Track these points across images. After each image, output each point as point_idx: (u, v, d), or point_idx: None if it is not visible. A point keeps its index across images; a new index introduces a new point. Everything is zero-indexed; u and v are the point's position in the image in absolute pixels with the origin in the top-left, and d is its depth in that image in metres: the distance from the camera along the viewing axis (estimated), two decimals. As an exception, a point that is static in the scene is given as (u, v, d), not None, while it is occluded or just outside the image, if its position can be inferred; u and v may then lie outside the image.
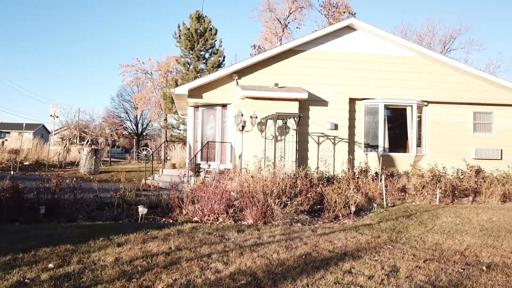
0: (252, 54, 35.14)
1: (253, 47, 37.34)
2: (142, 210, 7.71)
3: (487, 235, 7.25)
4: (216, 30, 30.02)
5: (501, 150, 14.31)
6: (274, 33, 36.12)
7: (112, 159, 30.41)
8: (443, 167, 13.33)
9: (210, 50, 30.05)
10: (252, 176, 10.26)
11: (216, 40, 30.05)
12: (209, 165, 12.36)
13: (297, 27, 38.50)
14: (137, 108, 43.77)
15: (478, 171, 13.46)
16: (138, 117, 57.10)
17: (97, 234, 6.19)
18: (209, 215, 7.97)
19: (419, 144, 14.28)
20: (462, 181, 12.48)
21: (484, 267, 5.31)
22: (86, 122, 31.75)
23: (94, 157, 18.71)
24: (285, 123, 12.91)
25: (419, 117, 14.33)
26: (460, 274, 5.02)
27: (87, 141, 26.20)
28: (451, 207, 10.33)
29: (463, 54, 57.93)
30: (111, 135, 31.23)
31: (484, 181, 12.37)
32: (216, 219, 7.89)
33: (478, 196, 11.65)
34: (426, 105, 14.32)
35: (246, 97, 13.01)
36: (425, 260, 5.55)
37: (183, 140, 24.27)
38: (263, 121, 12.86)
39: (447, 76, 14.17)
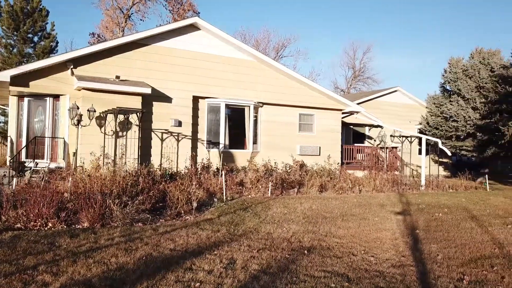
0: (91, 43, 32.34)
1: (92, 35, 34.39)
2: None
3: (308, 222, 8.40)
4: (48, 12, 26.59)
5: (320, 147, 16.68)
6: (116, 23, 33.96)
7: None
8: (275, 162, 14.83)
9: (40, 34, 26.43)
10: (89, 175, 9.54)
11: (47, 23, 26.64)
12: (37, 164, 10.96)
13: (141, 19, 36.99)
14: None
15: (302, 166, 15.44)
16: None
17: None
18: (35, 220, 7.11)
19: (255, 142, 15.52)
20: (289, 175, 14.12)
21: (305, 251, 6.16)
22: None
23: None
24: (127, 118, 12.38)
25: (255, 116, 15.57)
26: (287, 259, 5.71)
27: None
28: (280, 198, 11.57)
29: (292, 62, 65.01)
30: None
31: (307, 174, 14.27)
32: (44, 225, 7.09)
33: (302, 187, 13.34)
34: (261, 106, 15.64)
35: (83, 89, 11.98)
36: (259, 249, 6.12)
37: (3, 135, 20.80)
38: (102, 115, 12.05)
39: (279, 80, 15.76)
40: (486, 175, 17.38)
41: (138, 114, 11.91)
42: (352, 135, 22.49)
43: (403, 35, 71.57)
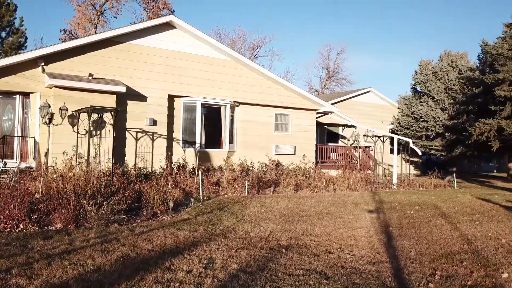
0: (62, 40, 31.45)
1: (64, 31, 33.48)
2: None
3: (285, 221, 8.49)
4: (16, 6, 25.78)
5: (295, 146, 16.86)
6: (89, 19, 33.12)
7: None
8: (251, 162, 14.88)
9: (7, 29, 25.57)
10: (61, 175, 9.30)
11: (16, 18, 25.85)
12: (5, 164, 10.59)
13: (115, 17, 36.25)
14: None
15: (278, 165, 15.57)
16: None
17: None
18: (6, 222, 6.89)
19: (231, 141, 15.53)
20: (265, 174, 14.21)
21: (283, 250, 6.23)
22: None
23: None
24: (101, 117, 12.14)
25: (232, 116, 15.58)
26: (265, 258, 5.76)
27: None
28: (257, 197, 11.63)
29: (267, 62, 65.66)
30: None
31: (282, 173, 14.40)
32: (15, 227, 6.88)
33: (278, 186, 13.45)
34: (238, 106, 15.67)
35: (55, 87, 11.66)
36: (237, 249, 6.15)
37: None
38: (75, 114, 11.77)
39: (255, 80, 15.83)
40: (454, 174, 18.03)
41: (112, 113, 11.70)
42: (327, 134, 22.85)
43: (376, 37, 73.19)
